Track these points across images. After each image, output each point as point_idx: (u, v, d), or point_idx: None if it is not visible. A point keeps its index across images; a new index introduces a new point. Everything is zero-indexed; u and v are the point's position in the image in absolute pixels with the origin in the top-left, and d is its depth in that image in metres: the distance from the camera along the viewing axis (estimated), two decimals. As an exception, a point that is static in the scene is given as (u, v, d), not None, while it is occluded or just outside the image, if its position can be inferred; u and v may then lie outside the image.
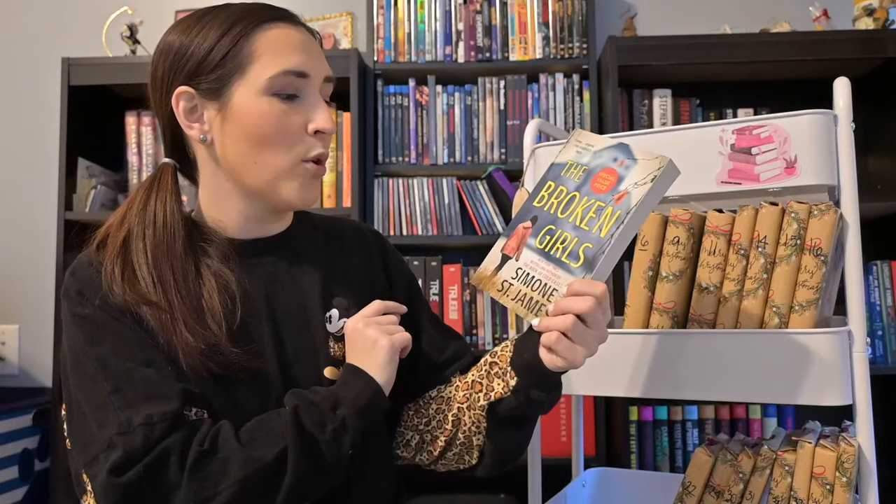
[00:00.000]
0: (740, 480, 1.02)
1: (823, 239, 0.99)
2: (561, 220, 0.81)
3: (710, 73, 2.12)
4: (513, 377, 0.87)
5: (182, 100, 0.87)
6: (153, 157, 2.16)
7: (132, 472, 0.73)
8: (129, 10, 2.22)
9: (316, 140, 0.87)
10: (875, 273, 2.00)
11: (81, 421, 0.79)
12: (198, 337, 0.80)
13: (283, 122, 0.84)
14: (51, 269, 2.08)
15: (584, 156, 0.82)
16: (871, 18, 2.01)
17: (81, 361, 0.80)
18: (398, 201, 2.15)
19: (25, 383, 2.31)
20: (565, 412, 2.02)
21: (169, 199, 0.88)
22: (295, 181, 0.87)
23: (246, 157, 0.85)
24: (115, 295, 0.81)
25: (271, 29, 0.85)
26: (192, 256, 0.85)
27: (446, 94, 2.19)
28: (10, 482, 1.99)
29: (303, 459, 0.77)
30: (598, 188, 0.80)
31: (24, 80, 2.39)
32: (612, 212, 0.79)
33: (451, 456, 0.94)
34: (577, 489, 1.31)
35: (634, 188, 0.78)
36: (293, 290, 0.91)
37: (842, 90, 1.01)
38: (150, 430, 0.75)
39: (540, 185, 0.84)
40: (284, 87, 0.84)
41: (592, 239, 0.79)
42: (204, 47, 0.85)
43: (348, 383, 0.84)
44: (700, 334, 1.04)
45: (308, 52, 0.86)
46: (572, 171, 0.82)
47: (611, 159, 0.81)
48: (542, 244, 0.82)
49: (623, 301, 1.15)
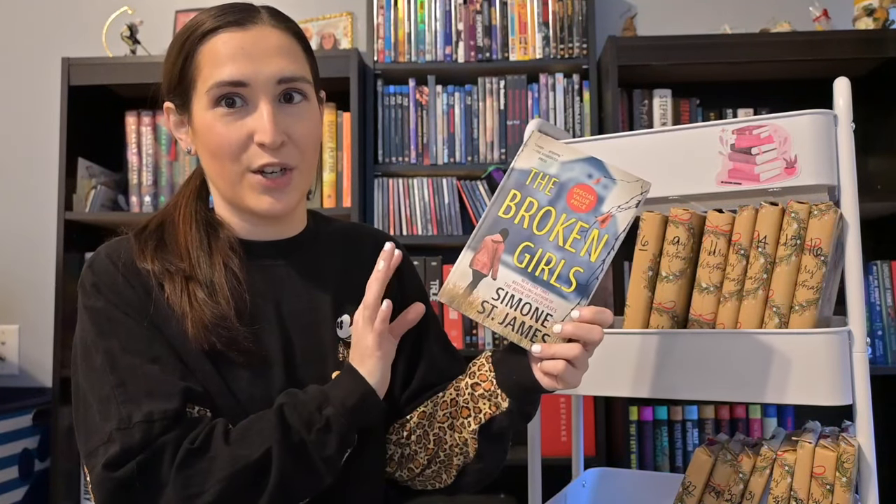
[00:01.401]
0: (740, 480, 1.02)
1: (823, 239, 0.99)
2: (539, 238, 0.77)
3: (710, 73, 2.12)
4: (504, 399, 0.86)
5: (170, 114, 0.93)
6: (153, 158, 2.16)
7: (126, 467, 0.75)
8: (129, 10, 2.22)
9: (260, 151, 0.85)
10: (875, 273, 2.00)
11: (86, 411, 0.81)
12: (207, 307, 0.84)
13: (225, 135, 0.84)
14: (51, 269, 2.08)
15: (551, 165, 0.77)
16: (871, 18, 2.01)
17: (91, 353, 0.82)
18: (398, 201, 2.15)
19: (25, 383, 2.31)
20: (565, 412, 2.02)
21: (192, 195, 0.94)
22: (250, 192, 0.87)
23: (210, 168, 0.90)
24: (144, 264, 0.86)
25: (212, 39, 0.85)
26: (207, 242, 0.89)
27: (446, 94, 2.19)
28: (10, 482, 1.99)
29: (287, 459, 0.77)
30: (575, 206, 0.77)
31: (24, 80, 2.39)
32: (598, 235, 0.76)
33: (430, 473, 0.95)
34: (577, 489, 1.31)
35: (619, 212, 0.76)
36: (304, 294, 0.93)
37: (842, 90, 1.01)
38: (149, 428, 0.76)
39: (502, 194, 0.77)
40: (222, 98, 0.84)
41: (582, 263, 0.77)
42: (168, 66, 0.89)
43: (340, 382, 0.84)
44: (700, 334, 1.04)
45: (249, 57, 0.84)
46: (540, 182, 0.77)
47: (584, 175, 0.76)
48: (521, 263, 0.78)
49: (623, 301, 1.15)
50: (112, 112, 2.23)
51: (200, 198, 0.95)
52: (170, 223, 0.91)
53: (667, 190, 1.11)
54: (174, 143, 2.16)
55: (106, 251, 0.88)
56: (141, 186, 2.15)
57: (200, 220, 0.91)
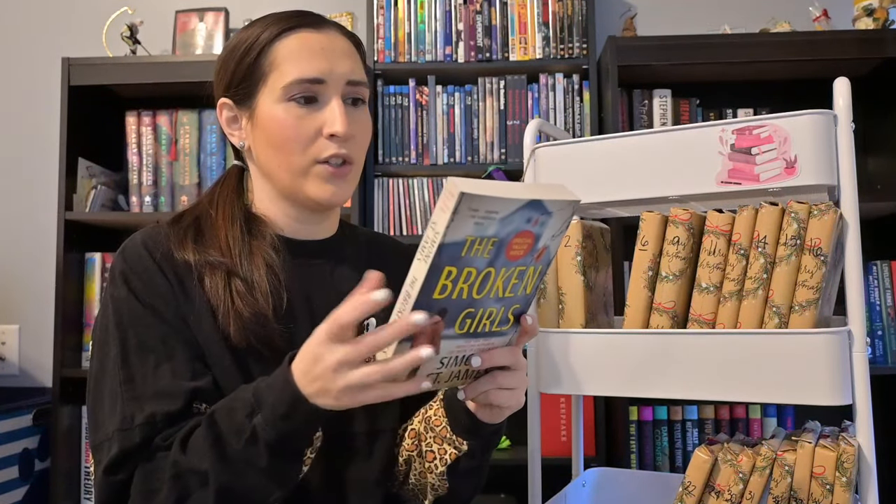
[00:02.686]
0: (740, 480, 1.02)
1: (823, 239, 0.99)
2: (479, 301, 0.69)
3: (710, 73, 2.12)
4: (462, 442, 0.89)
5: (224, 110, 0.94)
6: (153, 158, 2.16)
7: (123, 472, 0.78)
8: (129, 10, 2.22)
9: (330, 142, 0.89)
10: (875, 273, 2.00)
11: (96, 402, 0.83)
12: (248, 303, 0.85)
13: (298, 127, 0.88)
14: (51, 269, 2.08)
15: (489, 227, 0.64)
16: (871, 18, 2.01)
17: (108, 342, 0.84)
18: (398, 201, 2.15)
19: (25, 383, 2.31)
20: (565, 412, 2.02)
21: (231, 193, 0.95)
22: (313, 181, 0.90)
23: (271, 161, 0.91)
24: (184, 255, 0.86)
25: (290, 37, 0.89)
26: (247, 238, 0.91)
27: (446, 94, 2.19)
28: (10, 482, 1.99)
29: (220, 468, 0.74)
30: (514, 255, 0.68)
31: (24, 80, 2.39)
32: (534, 270, 0.71)
33: (409, 489, 0.99)
34: (577, 489, 1.31)
35: (552, 240, 0.70)
36: (333, 295, 0.92)
37: (842, 90, 1.02)
38: (150, 430, 0.78)
39: (434, 274, 0.65)
40: (299, 93, 0.88)
41: (520, 300, 0.72)
42: (235, 61, 0.91)
43: (273, 385, 0.74)
44: (700, 334, 1.04)
45: (326, 57, 0.89)
46: (477, 249, 0.65)
47: (524, 221, 0.66)
48: (463, 329, 0.70)
49: (623, 301, 1.15)
50: (112, 112, 2.23)
51: (239, 196, 0.96)
52: (206, 218, 0.92)
53: (667, 190, 1.11)
54: (174, 143, 2.16)
55: (142, 237, 0.89)
56: (141, 186, 2.15)
57: (240, 218, 0.92)
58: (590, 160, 1.17)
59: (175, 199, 2.14)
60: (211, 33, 2.27)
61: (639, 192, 1.13)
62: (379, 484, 0.95)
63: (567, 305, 1.22)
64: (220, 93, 0.94)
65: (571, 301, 1.21)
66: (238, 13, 2.31)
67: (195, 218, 0.92)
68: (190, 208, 0.95)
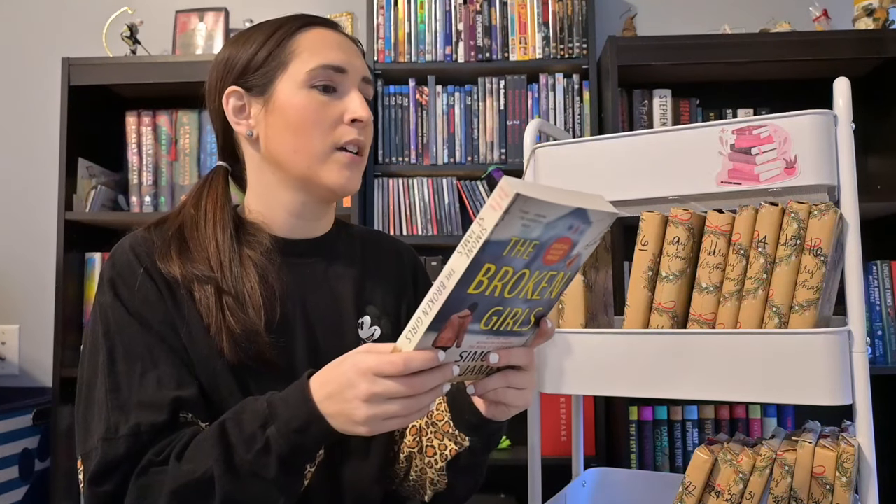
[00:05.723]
0: (740, 480, 1.02)
1: (823, 239, 0.99)
2: (509, 300, 0.70)
3: (710, 73, 2.12)
4: (463, 438, 0.89)
5: (232, 98, 0.93)
6: (153, 157, 2.16)
7: (108, 483, 0.77)
8: (129, 10, 2.22)
9: (350, 128, 0.91)
10: (875, 273, 2.00)
11: (84, 408, 0.83)
12: (238, 320, 0.84)
13: (320, 112, 0.90)
14: (51, 269, 2.08)
15: (535, 230, 0.65)
16: (871, 18, 2.01)
17: (96, 349, 0.84)
18: (398, 201, 2.15)
19: (25, 383, 2.31)
20: (565, 412, 2.02)
21: (220, 196, 0.94)
22: (331, 167, 0.91)
23: (287, 146, 0.90)
24: (169, 268, 0.85)
25: (311, 30, 0.93)
26: (237, 247, 0.90)
27: (446, 94, 2.19)
28: (10, 482, 1.99)
29: (227, 478, 0.74)
30: (550, 260, 0.69)
31: (24, 80, 2.39)
32: (563, 276, 0.72)
33: (409, 486, 0.99)
34: (577, 489, 1.31)
35: (585, 249, 0.72)
36: (328, 293, 0.95)
37: (842, 90, 1.02)
38: (135, 441, 0.78)
39: (473, 269, 0.66)
40: (322, 80, 0.90)
41: (544, 303, 0.74)
42: (250, 51, 0.92)
43: (289, 399, 0.75)
44: (700, 334, 1.04)
45: (346, 51, 0.93)
46: (519, 250, 0.66)
47: (566, 227, 0.67)
48: (488, 325, 0.71)
49: (623, 301, 1.15)
50: (112, 112, 2.23)
51: (228, 199, 0.95)
52: (192, 227, 0.90)
53: (667, 190, 1.11)
54: (174, 143, 2.16)
55: (130, 242, 0.88)
56: (141, 186, 2.15)
57: (230, 224, 0.91)
58: (590, 160, 1.17)
59: (175, 200, 2.14)
60: (211, 33, 2.27)
61: (639, 192, 1.13)
62: (377, 482, 0.95)
63: (567, 305, 1.22)
64: (229, 82, 0.93)
65: (571, 301, 1.22)
66: (238, 13, 2.31)
67: (179, 226, 0.90)
68: (173, 213, 0.93)
